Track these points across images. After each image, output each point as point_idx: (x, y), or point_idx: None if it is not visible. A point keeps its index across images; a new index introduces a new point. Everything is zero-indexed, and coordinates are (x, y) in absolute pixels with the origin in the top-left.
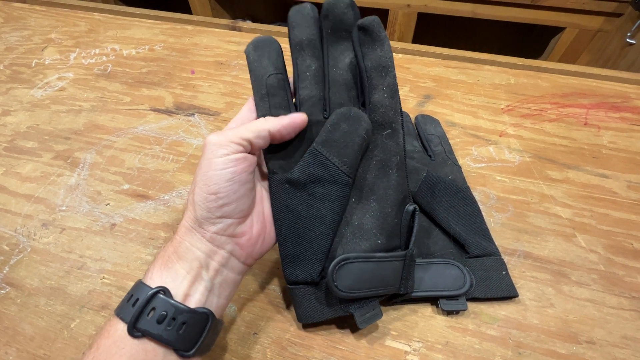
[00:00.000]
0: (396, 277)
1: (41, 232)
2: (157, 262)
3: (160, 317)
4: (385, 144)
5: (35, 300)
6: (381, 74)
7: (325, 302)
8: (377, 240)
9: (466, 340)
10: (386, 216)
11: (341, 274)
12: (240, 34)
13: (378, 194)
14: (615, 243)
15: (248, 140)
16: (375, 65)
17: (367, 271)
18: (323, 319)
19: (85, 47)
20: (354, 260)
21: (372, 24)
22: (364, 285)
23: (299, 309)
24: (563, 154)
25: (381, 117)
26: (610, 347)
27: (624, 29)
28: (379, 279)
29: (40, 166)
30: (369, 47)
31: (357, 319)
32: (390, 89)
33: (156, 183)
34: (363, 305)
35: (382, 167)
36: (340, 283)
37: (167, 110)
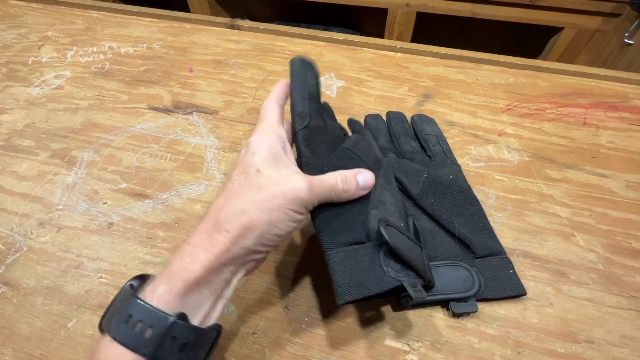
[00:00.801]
0: (424, 263)
1: (38, 231)
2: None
3: (182, 346)
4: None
5: (31, 300)
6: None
7: (374, 268)
8: (400, 222)
9: (465, 340)
10: (400, 209)
11: (389, 231)
12: (239, 33)
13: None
14: (614, 242)
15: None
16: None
17: (405, 241)
18: (368, 293)
19: (83, 45)
20: (394, 226)
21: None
22: (407, 251)
23: (339, 282)
24: (562, 154)
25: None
26: (609, 346)
27: (622, 29)
28: (414, 254)
29: (36, 165)
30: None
31: (408, 287)
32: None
33: (154, 182)
34: (407, 278)
35: (386, 179)
36: (391, 238)
37: (165, 108)
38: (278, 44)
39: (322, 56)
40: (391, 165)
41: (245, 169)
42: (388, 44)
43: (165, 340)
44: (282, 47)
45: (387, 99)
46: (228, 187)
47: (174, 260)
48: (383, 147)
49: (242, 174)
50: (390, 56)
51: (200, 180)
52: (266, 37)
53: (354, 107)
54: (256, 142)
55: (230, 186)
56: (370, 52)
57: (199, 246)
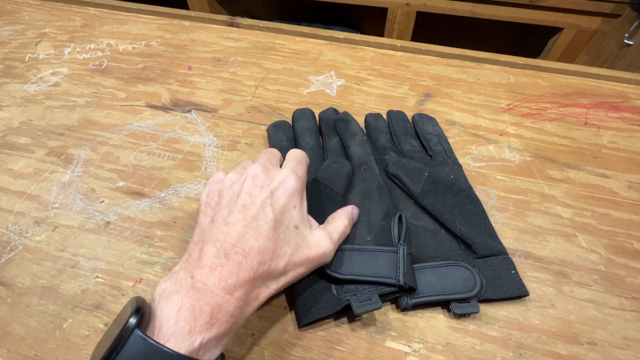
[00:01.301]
0: (392, 268)
1: (33, 230)
2: (212, 329)
3: None
4: (364, 175)
5: (26, 300)
6: (352, 137)
7: (323, 294)
8: (366, 237)
9: (467, 341)
10: (371, 220)
11: (334, 259)
12: (239, 31)
13: (364, 210)
14: (616, 243)
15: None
16: (349, 134)
17: (357, 258)
18: (321, 315)
19: (80, 42)
20: (344, 249)
21: (345, 115)
22: (356, 270)
23: (298, 309)
24: (563, 154)
25: (358, 160)
26: (612, 348)
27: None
28: (372, 267)
29: (32, 162)
30: (344, 128)
31: (353, 304)
32: (360, 144)
33: (152, 180)
34: (359, 293)
35: (364, 192)
36: (332, 265)
37: (163, 106)
38: (278, 42)
39: (322, 54)
40: (392, 164)
41: (285, 219)
42: (388, 42)
43: None
44: (282, 45)
45: (387, 97)
46: (264, 228)
47: (223, 315)
48: (384, 146)
49: (281, 223)
50: (390, 55)
51: (199, 179)
52: (266, 35)
53: (354, 106)
54: (298, 193)
55: (268, 230)
56: (370, 50)
57: (244, 301)
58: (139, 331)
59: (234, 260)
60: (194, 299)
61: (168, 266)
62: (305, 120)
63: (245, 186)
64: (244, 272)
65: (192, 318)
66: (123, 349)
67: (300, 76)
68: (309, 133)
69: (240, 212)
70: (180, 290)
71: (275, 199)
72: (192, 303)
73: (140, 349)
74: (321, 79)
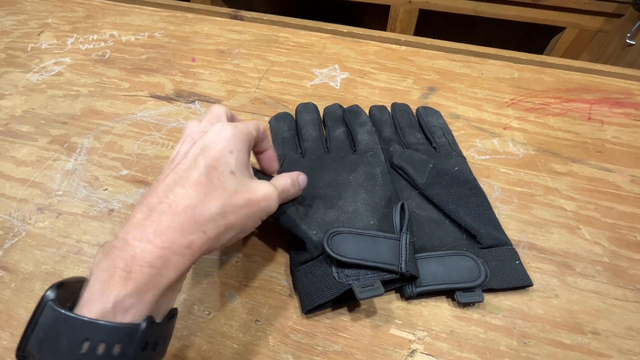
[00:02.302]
0: (394, 255)
1: (36, 217)
2: (146, 294)
3: (154, 345)
4: (370, 160)
5: (30, 285)
6: (361, 126)
7: (325, 278)
8: (369, 221)
9: (471, 330)
10: (375, 204)
11: (335, 241)
12: (242, 23)
13: (367, 188)
14: (620, 236)
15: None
16: (358, 122)
17: (360, 242)
18: (325, 299)
19: (83, 32)
20: (347, 232)
21: (354, 108)
22: (358, 253)
23: (302, 294)
24: (567, 148)
25: (364, 147)
26: (615, 337)
27: (624, 29)
28: (374, 252)
29: (35, 150)
30: (352, 118)
31: (355, 289)
32: (368, 132)
33: (155, 169)
34: (361, 278)
35: (368, 174)
36: (335, 248)
37: (167, 97)
38: (282, 34)
39: (326, 48)
40: (397, 156)
41: (219, 165)
42: (392, 37)
43: (138, 351)
44: (285, 38)
45: (391, 91)
46: (194, 176)
47: (139, 266)
48: (388, 138)
49: (214, 168)
50: (394, 49)
51: None
52: (270, 28)
53: (358, 99)
54: (234, 139)
55: (198, 176)
56: (374, 44)
57: (170, 248)
58: (52, 303)
59: (158, 210)
60: (111, 258)
61: None
62: (308, 113)
63: (182, 148)
64: (167, 218)
65: (107, 277)
66: (38, 323)
67: (304, 69)
68: (312, 125)
69: (172, 170)
70: (105, 256)
71: (207, 148)
72: (108, 262)
73: (51, 320)
74: (325, 71)
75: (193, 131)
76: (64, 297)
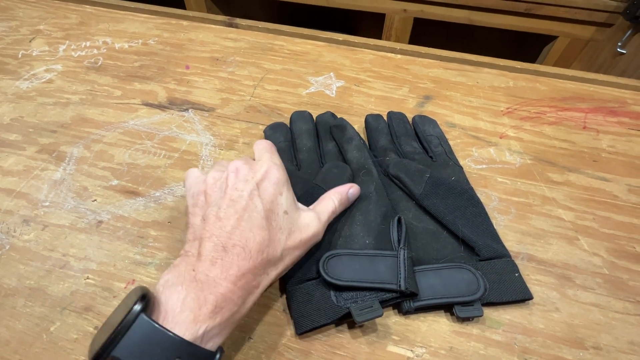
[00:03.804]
0: (392, 273)
1: (21, 229)
2: (216, 318)
3: None
4: (363, 180)
5: (12, 302)
6: (349, 142)
7: (323, 301)
8: (365, 240)
9: (471, 346)
10: (370, 223)
11: (331, 264)
12: (237, 31)
13: (362, 210)
14: (618, 247)
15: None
16: (345, 140)
17: (357, 263)
18: (320, 322)
19: (76, 39)
20: (342, 254)
21: (340, 121)
22: (355, 275)
23: (296, 314)
24: (563, 157)
25: (356, 165)
26: (617, 352)
27: (614, 38)
28: (372, 272)
29: (23, 160)
30: (339, 134)
31: (353, 312)
32: (357, 148)
33: (147, 179)
34: (359, 300)
35: (362, 195)
36: (330, 272)
37: (160, 105)
38: (277, 43)
39: (322, 56)
40: (393, 165)
41: (274, 206)
42: (388, 45)
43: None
44: (281, 46)
45: (387, 99)
46: (256, 220)
47: (226, 304)
48: (384, 147)
49: (271, 211)
50: (390, 57)
51: None
52: (265, 36)
53: (353, 107)
54: (281, 178)
55: (260, 220)
56: (369, 53)
57: (247, 290)
58: (144, 315)
59: (232, 252)
60: (198, 289)
61: (162, 267)
62: (303, 122)
63: (230, 181)
64: (244, 262)
65: (197, 307)
66: (127, 332)
67: (300, 77)
68: (307, 135)
69: (230, 207)
70: (184, 282)
71: (262, 190)
72: (196, 293)
73: (145, 332)
74: (320, 80)
75: (234, 164)
76: (147, 309)
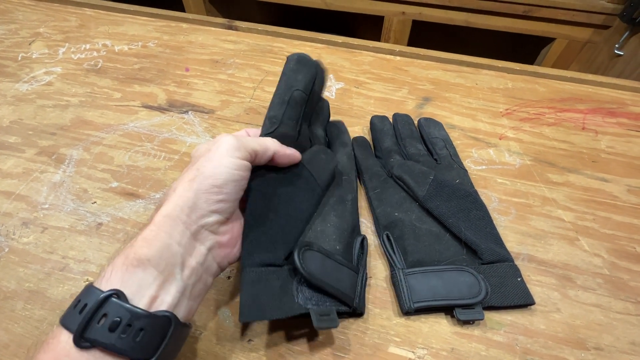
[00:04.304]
0: (352, 287)
1: (21, 231)
2: (117, 261)
3: (112, 324)
4: (344, 185)
5: (11, 305)
6: (343, 147)
7: (282, 293)
8: (335, 245)
9: (472, 347)
10: (343, 230)
11: (307, 257)
12: (237, 33)
13: (337, 212)
14: (618, 247)
15: (256, 152)
16: (340, 142)
17: (327, 265)
18: (275, 316)
19: (75, 42)
20: (317, 251)
21: (338, 124)
22: (324, 277)
23: (247, 301)
24: (563, 158)
25: (342, 169)
26: (619, 353)
27: (612, 40)
28: (337, 279)
29: (22, 162)
30: (335, 134)
31: (313, 315)
32: (347, 156)
33: (147, 181)
34: (320, 304)
35: (340, 197)
36: (305, 265)
37: (159, 107)
38: (276, 45)
39: (321, 58)
40: (397, 167)
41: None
42: (387, 47)
43: (94, 317)
44: (280, 48)
45: (387, 101)
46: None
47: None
48: (389, 149)
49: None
50: (389, 59)
51: None
52: (264, 38)
53: (353, 109)
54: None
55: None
56: (369, 55)
57: (143, 226)
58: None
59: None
60: None
61: None
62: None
63: None
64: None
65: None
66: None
67: None
68: (302, 80)
69: None
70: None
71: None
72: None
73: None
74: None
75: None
76: None
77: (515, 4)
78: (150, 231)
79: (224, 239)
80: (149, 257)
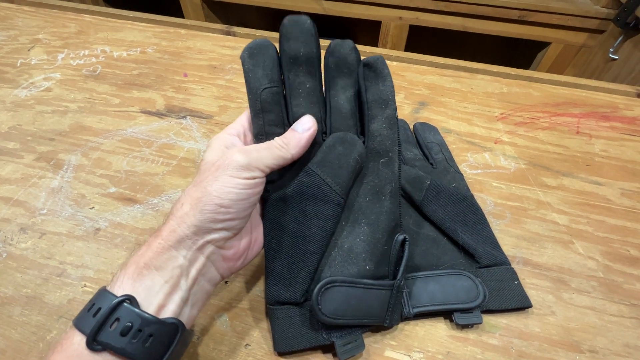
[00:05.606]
0: (382, 307)
1: (19, 237)
2: (129, 268)
3: (124, 328)
4: (381, 171)
5: (8, 310)
6: (381, 106)
7: (306, 327)
8: (365, 265)
9: (468, 350)
10: (377, 242)
11: (326, 297)
12: (235, 39)
13: (370, 218)
14: (612, 250)
15: (271, 167)
16: (377, 98)
17: (353, 297)
18: (302, 347)
19: (74, 48)
20: (341, 285)
21: (377, 62)
22: (348, 312)
23: (277, 334)
24: (557, 162)
25: (378, 145)
26: (613, 356)
27: (606, 44)
28: (365, 308)
29: (20, 168)
30: (372, 81)
31: (337, 349)
32: (388, 121)
33: (145, 186)
34: (345, 334)
35: (375, 192)
36: (324, 307)
37: (158, 112)
38: None
39: None
40: None
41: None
42: (384, 52)
43: (107, 321)
44: None
45: None
46: None
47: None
48: None
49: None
50: None
51: None
52: None
53: None
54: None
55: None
56: None
57: (150, 236)
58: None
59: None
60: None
61: None
62: (301, 41)
63: None
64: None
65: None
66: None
67: None
68: (307, 65)
69: None
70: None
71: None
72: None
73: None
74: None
75: None
76: None
77: (511, 9)
78: (159, 244)
79: (229, 252)
80: (157, 268)
